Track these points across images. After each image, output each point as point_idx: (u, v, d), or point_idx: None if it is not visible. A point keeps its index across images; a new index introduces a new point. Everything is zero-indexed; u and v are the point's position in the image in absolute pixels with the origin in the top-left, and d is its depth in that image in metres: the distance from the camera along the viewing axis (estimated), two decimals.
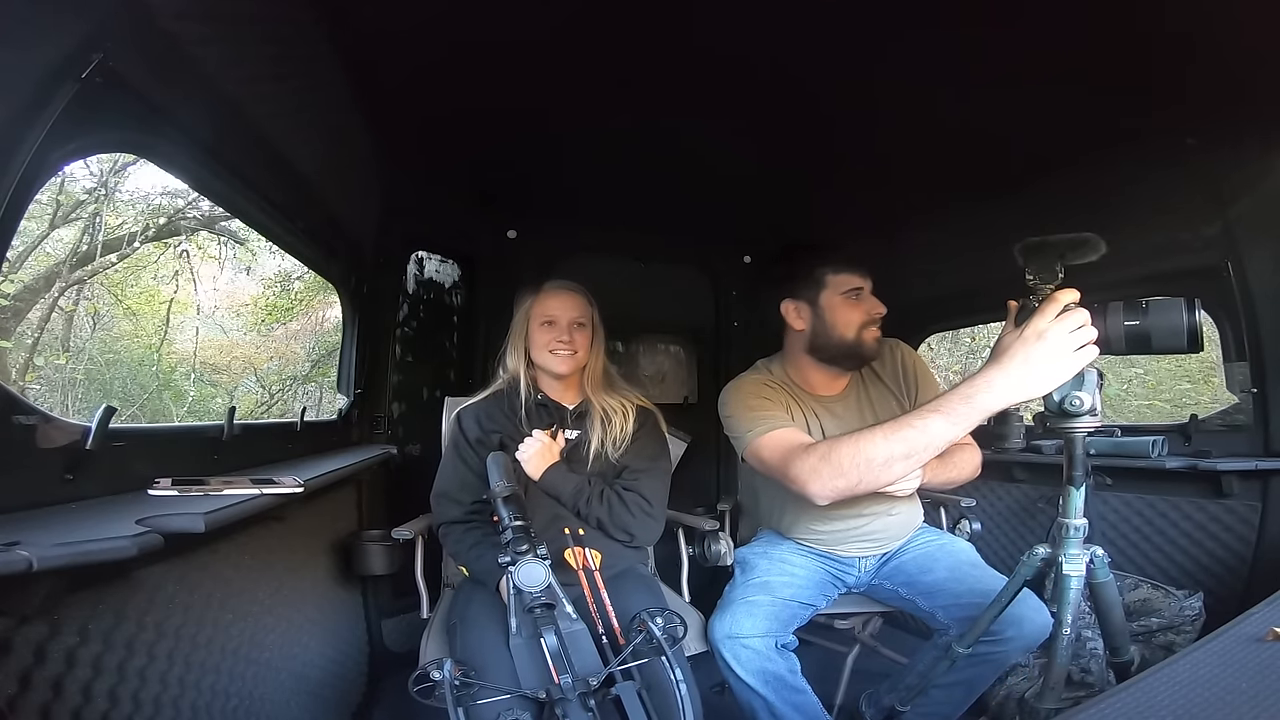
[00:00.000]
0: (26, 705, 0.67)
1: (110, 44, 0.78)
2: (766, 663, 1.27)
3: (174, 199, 5.81)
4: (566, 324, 1.43)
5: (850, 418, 1.45)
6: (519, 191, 2.13)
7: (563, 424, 1.46)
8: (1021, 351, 0.89)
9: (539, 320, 1.45)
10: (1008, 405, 0.92)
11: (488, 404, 1.46)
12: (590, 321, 1.48)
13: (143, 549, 0.69)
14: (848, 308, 1.40)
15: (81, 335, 6.24)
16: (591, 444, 1.42)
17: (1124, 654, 1.06)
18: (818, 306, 1.41)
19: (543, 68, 1.34)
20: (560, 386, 1.48)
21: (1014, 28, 1.15)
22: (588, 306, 1.48)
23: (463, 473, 1.39)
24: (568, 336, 1.43)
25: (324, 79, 1.31)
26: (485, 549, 1.27)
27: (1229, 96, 1.32)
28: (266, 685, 1.19)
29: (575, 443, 1.44)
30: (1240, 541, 1.54)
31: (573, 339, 1.43)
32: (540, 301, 1.46)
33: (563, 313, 1.44)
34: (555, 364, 1.43)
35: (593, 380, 1.48)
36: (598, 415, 1.44)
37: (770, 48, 1.26)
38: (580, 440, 1.44)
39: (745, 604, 1.34)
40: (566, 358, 1.43)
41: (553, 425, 1.44)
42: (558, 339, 1.42)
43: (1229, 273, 1.52)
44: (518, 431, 1.41)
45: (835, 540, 1.48)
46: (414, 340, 2.20)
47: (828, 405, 1.47)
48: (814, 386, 1.48)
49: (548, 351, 1.43)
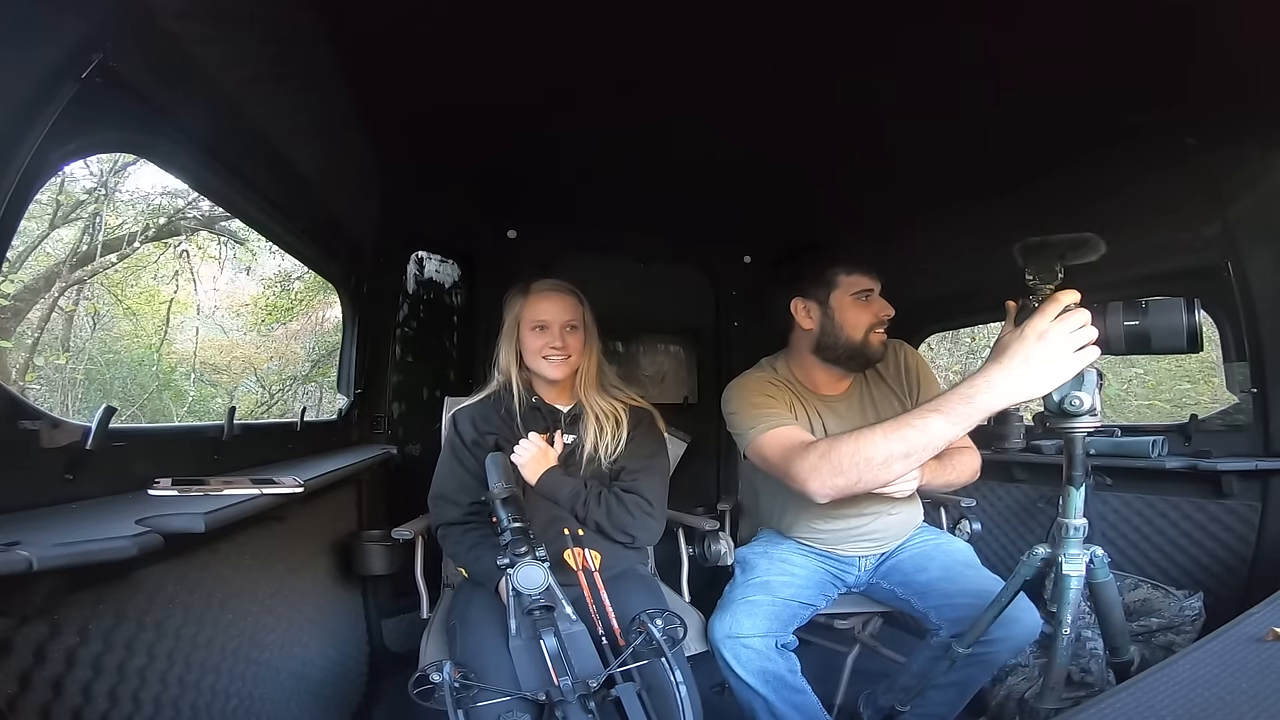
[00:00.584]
0: (26, 705, 0.67)
1: (110, 44, 0.78)
2: (767, 663, 1.27)
3: (174, 199, 5.81)
4: (559, 328, 1.40)
5: (853, 417, 1.45)
6: (519, 191, 2.13)
7: (557, 427, 1.43)
8: (1022, 351, 0.89)
9: (529, 325, 1.41)
10: (1008, 405, 0.93)
11: (483, 406, 1.44)
12: (583, 322, 1.44)
13: (143, 549, 0.69)
14: (857, 309, 1.41)
15: (81, 335, 6.24)
16: (585, 448, 1.40)
17: (1124, 654, 1.06)
18: (828, 306, 1.42)
19: (543, 67, 1.34)
20: (554, 389, 1.46)
21: (1014, 26, 1.15)
22: (579, 306, 1.44)
23: (460, 474, 1.38)
24: (560, 341, 1.40)
25: (324, 79, 1.31)
26: (484, 550, 1.26)
27: (1229, 95, 1.32)
28: (266, 685, 1.19)
29: (571, 447, 1.42)
30: (1240, 541, 1.54)
31: (565, 343, 1.40)
32: (530, 305, 1.42)
33: (554, 316, 1.40)
34: (548, 370, 1.40)
35: (586, 382, 1.45)
36: (591, 418, 1.42)
37: (770, 47, 1.26)
38: (576, 444, 1.42)
39: (745, 604, 1.34)
40: (560, 363, 1.40)
41: (548, 429, 1.42)
42: (550, 345, 1.39)
43: (1229, 273, 1.52)
44: (513, 434, 1.40)
45: (836, 540, 1.48)
46: (414, 340, 2.20)
47: (831, 404, 1.47)
48: (818, 385, 1.49)
49: (540, 358, 1.40)
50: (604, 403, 1.45)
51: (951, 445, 1.30)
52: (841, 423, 1.44)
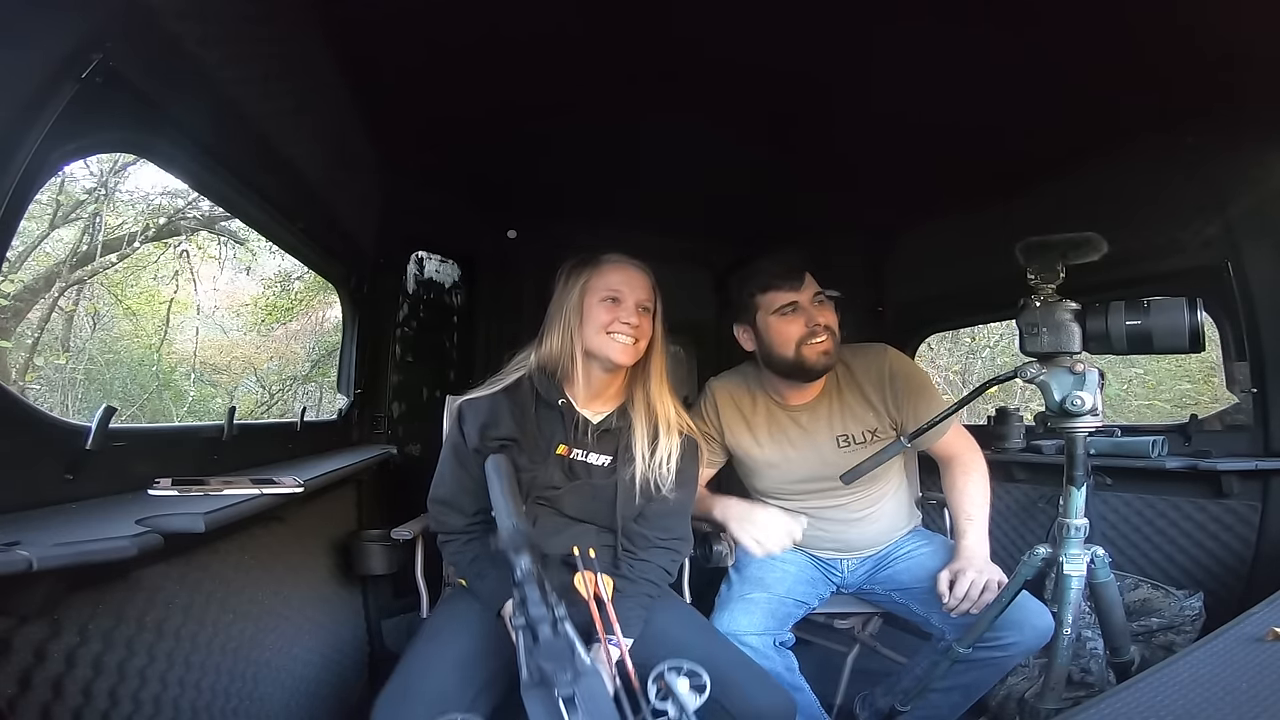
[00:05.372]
0: (26, 705, 0.67)
1: (110, 44, 0.78)
2: (765, 660, 1.27)
3: (174, 199, 5.81)
4: (633, 304, 1.18)
5: (817, 427, 1.45)
6: (519, 191, 2.13)
7: (579, 444, 1.19)
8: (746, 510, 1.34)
9: (600, 294, 1.17)
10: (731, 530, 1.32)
11: (496, 402, 1.20)
12: (656, 309, 1.22)
13: (143, 549, 0.69)
14: (783, 324, 1.37)
15: (81, 335, 6.24)
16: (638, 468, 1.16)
17: (1124, 654, 1.06)
18: (757, 327, 1.41)
19: (543, 68, 1.34)
20: (600, 386, 1.21)
21: (1014, 26, 1.15)
22: (654, 292, 1.23)
23: (462, 478, 1.20)
24: (635, 318, 1.17)
25: (324, 79, 1.31)
26: (487, 566, 1.13)
27: (1229, 96, 1.32)
28: (266, 685, 1.19)
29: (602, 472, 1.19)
30: (1240, 541, 1.54)
31: (640, 322, 1.18)
32: (602, 274, 1.19)
33: (629, 289, 1.18)
34: (614, 351, 1.16)
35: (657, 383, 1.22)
36: (646, 429, 1.19)
37: (771, 47, 1.26)
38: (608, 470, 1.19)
39: (743, 601, 1.35)
40: (628, 345, 1.17)
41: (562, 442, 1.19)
42: (622, 319, 1.16)
43: (1229, 273, 1.52)
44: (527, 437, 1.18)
45: (813, 543, 1.49)
46: (414, 340, 2.20)
47: (794, 415, 1.47)
48: (785, 397, 1.48)
49: (605, 333, 1.16)
50: (670, 409, 1.22)
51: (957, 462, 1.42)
52: (803, 433, 1.45)
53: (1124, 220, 1.51)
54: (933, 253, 2.25)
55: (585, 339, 1.17)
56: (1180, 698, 0.54)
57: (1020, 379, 1.00)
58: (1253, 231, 1.48)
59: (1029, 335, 0.97)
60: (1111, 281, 1.47)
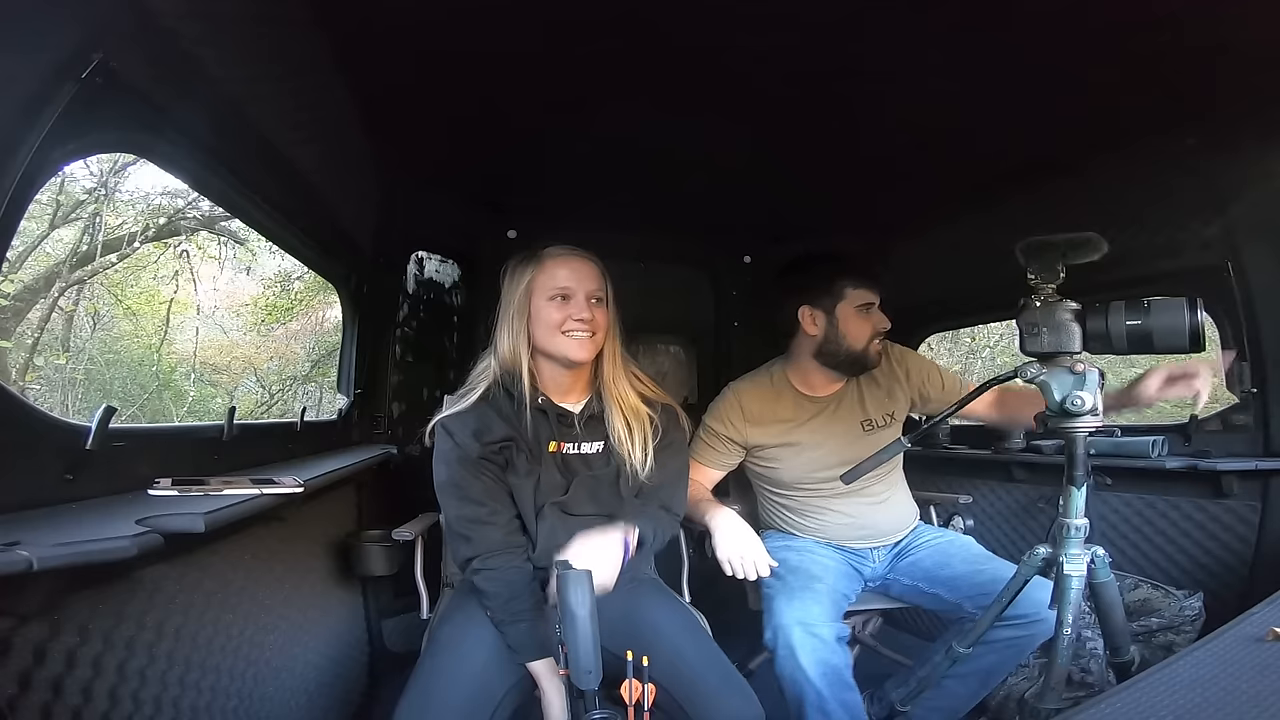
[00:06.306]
0: (26, 705, 0.67)
1: (110, 44, 0.78)
2: (830, 654, 1.24)
3: (174, 199, 5.82)
4: (584, 298, 1.16)
5: (844, 414, 1.55)
6: (519, 191, 2.12)
7: (567, 437, 1.19)
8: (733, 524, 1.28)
9: (546, 294, 1.15)
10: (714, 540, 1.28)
11: (479, 411, 1.16)
12: (607, 296, 1.20)
13: (143, 549, 0.69)
14: (860, 320, 1.48)
15: (81, 335, 6.25)
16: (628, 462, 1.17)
17: (1124, 654, 1.06)
18: (833, 316, 1.49)
19: (543, 68, 1.34)
20: (567, 381, 1.20)
21: (1014, 27, 1.15)
22: (603, 277, 1.20)
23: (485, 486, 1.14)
24: (586, 313, 1.15)
25: (324, 78, 1.31)
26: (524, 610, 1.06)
27: (1229, 96, 1.33)
28: (266, 685, 1.19)
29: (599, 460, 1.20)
30: (1240, 541, 1.54)
31: (592, 316, 1.16)
32: (547, 271, 1.16)
33: (578, 284, 1.16)
34: (571, 349, 1.14)
35: (611, 370, 1.21)
36: (619, 419, 1.19)
37: (771, 47, 1.26)
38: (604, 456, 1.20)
39: (809, 591, 1.32)
40: (585, 340, 1.15)
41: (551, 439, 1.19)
42: (574, 317, 1.14)
43: (1229, 273, 1.52)
44: (525, 439, 1.16)
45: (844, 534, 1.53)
46: (414, 340, 2.20)
47: (822, 404, 1.56)
48: (812, 387, 1.57)
49: (560, 333, 1.14)
50: (631, 397, 1.21)
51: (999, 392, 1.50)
52: (827, 420, 1.55)
53: (1124, 220, 1.51)
54: (933, 252, 2.25)
55: (538, 340, 1.16)
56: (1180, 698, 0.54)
57: (1020, 379, 1.00)
58: (1253, 232, 1.49)
59: (1029, 335, 0.98)
60: (1112, 281, 1.48)
